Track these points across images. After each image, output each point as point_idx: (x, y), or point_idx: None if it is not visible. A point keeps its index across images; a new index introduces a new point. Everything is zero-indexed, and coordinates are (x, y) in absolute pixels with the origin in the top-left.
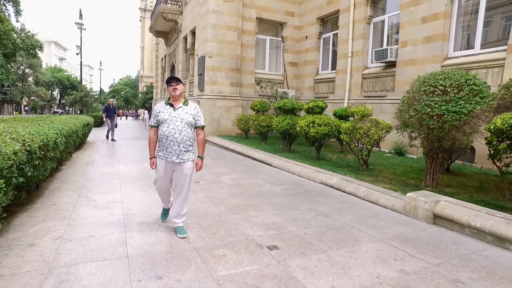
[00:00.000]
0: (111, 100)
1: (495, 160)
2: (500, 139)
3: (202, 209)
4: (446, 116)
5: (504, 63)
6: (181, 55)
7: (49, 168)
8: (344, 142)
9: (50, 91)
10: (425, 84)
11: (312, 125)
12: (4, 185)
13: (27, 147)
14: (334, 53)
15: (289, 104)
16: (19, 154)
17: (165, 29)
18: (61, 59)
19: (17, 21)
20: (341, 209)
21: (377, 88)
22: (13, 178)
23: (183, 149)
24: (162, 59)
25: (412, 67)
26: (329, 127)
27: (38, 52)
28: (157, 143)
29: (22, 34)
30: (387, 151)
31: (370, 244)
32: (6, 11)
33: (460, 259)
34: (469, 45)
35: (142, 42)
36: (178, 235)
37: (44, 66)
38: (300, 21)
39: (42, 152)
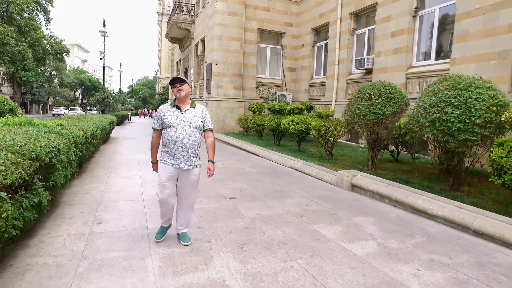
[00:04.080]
0: None
1: (408, 149)
2: (404, 133)
3: None
4: (368, 116)
5: (448, 73)
6: (193, 61)
7: (91, 150)
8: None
9: (73, 92)
10: (359, 92)
11: (292, 123)
12: (79, 152)
13: (85, 134)
14: (326, 60)
15: (277, 105)
16: (82, 137)
17: (179, 36)
18: (83, 61)
19: (46, 28)
20: (293, 182)
21: None
22: (80, 152)
23: (192, 154)
24: (177, 62)
25: (384, 74)
26: (305, 125)
27: (64, 56)
28: (162, 147)
29: (51, 41)
30: (363, 146)
31: (296, 199)
32: (38, 20)
33: (346, 205)
34: (427, 57)
35: (159, 45)
36: (182, 242)
37: (67, 68)
38: (297, 31)
39: (90, 139)
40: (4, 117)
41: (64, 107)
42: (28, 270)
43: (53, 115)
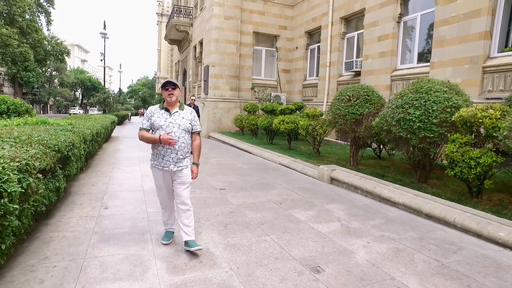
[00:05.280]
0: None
1: (384, 146)
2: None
3: None
4: (348, 116)
5: (428, 76)
6: (191, 62)
7: (96, 148)
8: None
9: (73, 92)
10: (340, 94)
11: (282, 123)
12: (87, 149)
13: (91, 132)
14: (318, 62)
15: (270, 106)
16: (90, 135)
17: (178, 37)
18: (83, 61)
19: (47, 30)
20: (279, 176)
21: None
22: (87, 148)
23: (181, 156)
24: (176, 63)
25: (371, 76)
26: (294, 124)
27: (65, 57)
28: (151, 149)
29: (52, 42)
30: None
31: (279, 190)
32: (39, 21)
33: (322, 195)
34: (410, 60)
35: (159, 45)
36: (191, 248)
37: (67, 68)
38: (291, 34)
39: (95, 136)
40: (23, 117)
41: (78, 108)
42: (51, 240)
43: (69, 114)
